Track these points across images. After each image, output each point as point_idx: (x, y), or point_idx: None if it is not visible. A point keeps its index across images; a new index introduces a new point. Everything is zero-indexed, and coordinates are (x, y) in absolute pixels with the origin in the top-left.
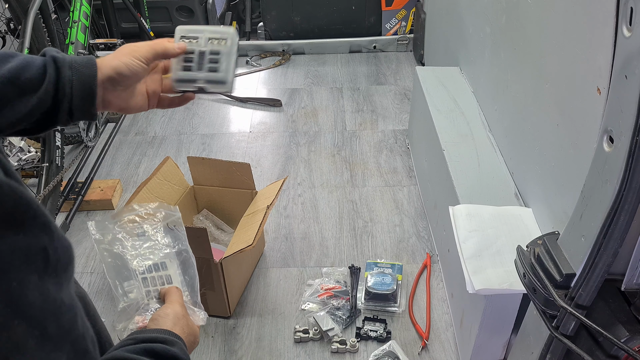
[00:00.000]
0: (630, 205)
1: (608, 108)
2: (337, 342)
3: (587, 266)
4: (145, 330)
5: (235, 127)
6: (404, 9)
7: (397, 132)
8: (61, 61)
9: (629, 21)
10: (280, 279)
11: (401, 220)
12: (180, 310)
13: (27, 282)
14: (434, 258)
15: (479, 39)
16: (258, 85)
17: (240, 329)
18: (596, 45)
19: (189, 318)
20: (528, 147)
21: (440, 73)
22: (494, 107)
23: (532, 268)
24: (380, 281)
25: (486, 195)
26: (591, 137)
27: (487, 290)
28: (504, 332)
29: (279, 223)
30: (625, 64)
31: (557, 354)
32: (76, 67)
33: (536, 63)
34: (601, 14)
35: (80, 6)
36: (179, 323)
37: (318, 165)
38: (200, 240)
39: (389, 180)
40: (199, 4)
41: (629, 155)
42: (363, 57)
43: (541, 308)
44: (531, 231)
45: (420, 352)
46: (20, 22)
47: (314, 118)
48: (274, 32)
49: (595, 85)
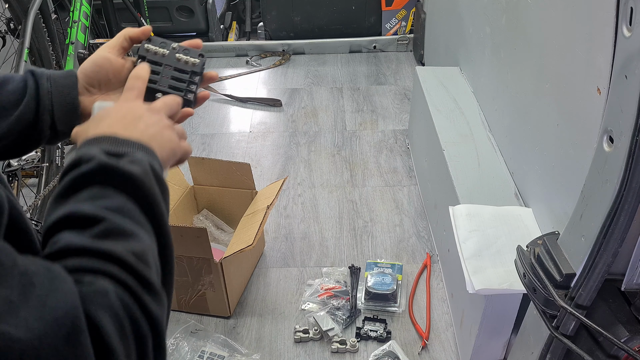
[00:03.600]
0: (630, 205)
1: (608, 108)
2: (337, 342)
3: (587, 266)
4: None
5: (235, 127)
6: (404, 9)
7: (397, 132)
8: (39, 74)
9: (629, 21)
10: (280, 279)
11: (401, 220)
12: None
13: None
14: (434, 258)
15: (479, 39)
16: (258, 85)
17: (240, 329)
18: (596, 45)
19: (156, 115)
20: (528, 147)
21: (440, 73)
22: (494, 107)
23: (532, 268)
24: (380, 281)
25: (486, 195)
26: (591, 137)
27: (487, 290)
28: (504, 332)
29: (279, 223)
30: (625, 64)
31: (557, 354)
32: (55, 78)
33: (536, 63)
34: (601, 14)
35: (80, 6)
36: (122, 121)
37: (318, 165)
38: (200, 240)
39: (389, 180)
40: (199, 4)
41: (629, 155)
42: (363, 57)
43: (541, 308)
44: (531, 231)
45: (420, 352)
46: (20, 22)
47: (314, 118)
48: (274, 32)
49: (595, 85)
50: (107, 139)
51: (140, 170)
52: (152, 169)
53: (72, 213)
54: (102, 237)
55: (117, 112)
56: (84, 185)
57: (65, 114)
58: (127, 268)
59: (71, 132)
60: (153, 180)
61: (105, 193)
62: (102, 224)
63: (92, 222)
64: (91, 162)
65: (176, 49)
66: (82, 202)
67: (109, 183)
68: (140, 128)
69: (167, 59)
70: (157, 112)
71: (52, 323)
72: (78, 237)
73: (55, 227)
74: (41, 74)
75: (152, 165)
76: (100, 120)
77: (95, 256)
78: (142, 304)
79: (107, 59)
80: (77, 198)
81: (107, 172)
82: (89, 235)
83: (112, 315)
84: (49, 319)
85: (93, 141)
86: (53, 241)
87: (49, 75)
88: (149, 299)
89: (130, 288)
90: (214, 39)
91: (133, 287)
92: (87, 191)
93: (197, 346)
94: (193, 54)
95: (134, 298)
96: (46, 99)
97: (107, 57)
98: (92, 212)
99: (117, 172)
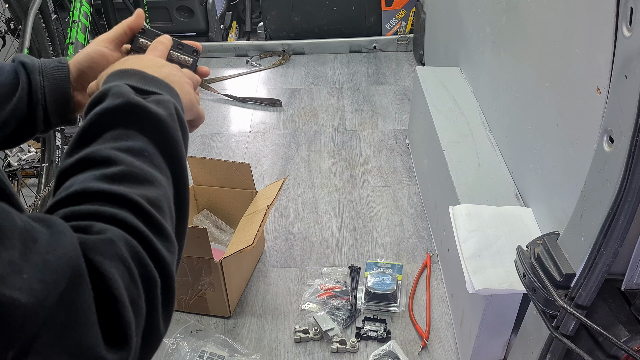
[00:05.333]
0: (630, 205)
1: (608, 108)
2: (337, 342)
3: (587, 266)
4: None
5: (235, 127)
6: (404, 9)
7: (397, 132)
8: (30, 67)
9: (629, 21)
10: (280, 279)
11: (401, 220)
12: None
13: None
14: (434, 258)
15: (479, 39)
16: (258, 85)
17: (240, 329)
18: (596, 45)
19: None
20: (528, 147)
21: (440, 73)
22: (494, 107)
23: (532, 268)
24: (380, 281)
25: (486, 195)
26: (591, 137)
27: (487, 290)
28: (504, 332)
29: (279, 223)
30: (625, 64)
31: (557, 354)
32: (47, 71)
33: (536, 63)
34: (601, 14)
35: (80, 6)
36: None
37: (318, 165)
38: (200, 240)
39: (389, 180)
40: (199, 4)
41: (629, 155)
42: (363, 57)
43: (541, 308)
44: (531, 231)
45: (420, 352)
46: (20, 22)
47: (314, 118)
48: (274, 32)
49: (595, 85)
50: (136, 74)
51: (166, 113)
52: (177, 112)
53: (91, 154)
54: (118, 180)
55: (141, 57)
56: (109, 124)
57: (58, 108)
58: (140, 212)
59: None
60: (177, 124)
61: (129, 134)
62: (119, 167)
63: (109, 165)
64: (120, 99)
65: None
66: (104, 143)
67: (133, 123)
68: (165, 72)
69: None
70: (178, 68)
71: (52, 283)
72: (93, 180)
73: (72, 169)
74: (32, 67)
75: (176, 107)
76: (126, 60)
77: (108, 200)
78: (152, 249)
79: (103, 55)
80: (99, 140)
81: (133, 112)
82: (104, 178)
83: (118, 263)
84: (49, 280)
85: (121, 74)
86: (68, 184)
87: (40, 68)
88: (159, 245)
89: (141, 233)
90: (214, 39)
91: (144, 232)
92: (110, 133)
93: (197, 346)
94: (187, 50)
95: (144, 243)
96: (39, 93)
97: (102, 52)
98: (112, 155)
99: (143, 112)
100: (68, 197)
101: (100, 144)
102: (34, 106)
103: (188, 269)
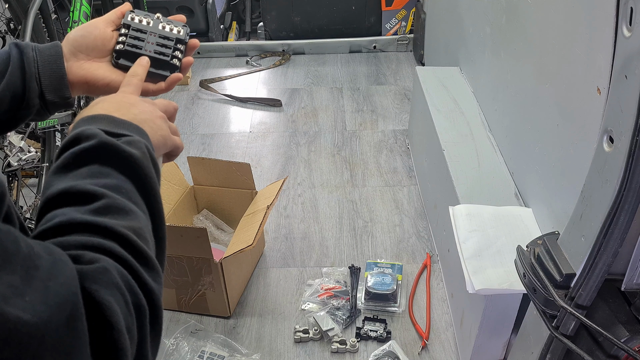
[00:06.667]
0: (630, 205)
1: (608, 108)
2: (337, 342)
3: (587, 266)
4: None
5: (235, 127)
6: (404, 9)
7: (397, 132)
8: (24, 45)
9: (629, 21)
10: (280, 279)
11: (401, 220)
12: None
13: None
14: (434, 258)
15: (479, 39)
16: (258, 85)
17: (240, 329)
18: (596, 45)
19: (148, 103)
20: (528, 147)
21: (440, 73)
22: (494, 107)
23: (532, 268)
24: (380, 281)
25: (486, 195)
26: (591, 137)
27: (487, 290)
28: (504, 332)
29: (279, 223)
30: (625, 64)
31: (557, 354)
32: (39, 48)
33: (536, 63)
34: (601, 14)
35: (80, 6)
36: (121, 106)
37: (318, 165)
38: (200, 240)
39: (389, 180)
40: (199, 4)
41: (629, 155)
42: (363, 57)
43: (541, 308)
44: (531, 231)
45: (420, 352)
46: (20, 22)
47: (314, 118)
48: (274, 32)
49: (595, 85)
50: (105, 118)
51: (139, 152)
52: (148, 150)
53: (72, 188)
54: (102, 213)
55: (111, 98)
56: (85, 161)
57: (53, 82)
58: (127, 244)
59: (61, 102)
60: (150, 162)
61: (105, 171)
62: (102, 201)
63: (92, 199)
64: (93, 140)
65: (160, 19)
66: (82, 179)
67: (109, 162)
68: (134, 112)
69: (151, 28)
70: (150, 103)
71: (55, 308)
72: (78, 213)
73: (53, 202)
74: (26, 44)
75: (147, 146)
76: (95, 104)
77: (95, 231)
78: (140, 279)
79: (95, 26)
80: (76, 174)
81: (108, 151)
82: (89, 211)
83: (114, 291)
84: (53, 304)
85: (90, 119)
86: (50, 216)
87: (33, 46)
88: (147, 275)
89: (129, 264)
90: (214, 39)
91: (132, 263)
92: (87, 168)
93: (197, 346)
94: (177, 24)
95: (133, 273)
96: (32, 66)
97: (95, 24)
98: (92, 189)
99: (118, 151)
100: (53, 228)
101: (80, 180)
102: (28, 79)
103: (188, 269)
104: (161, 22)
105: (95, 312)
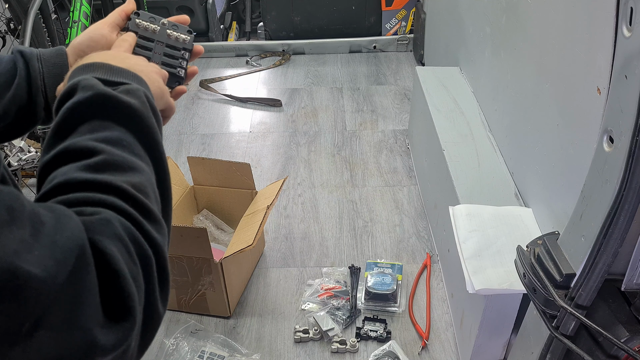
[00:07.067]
0: (630, 205)
1: (608, 108)
2: (337, 342)
3: (587, 266)
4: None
5: (235, 127)
6: (404, 9)
7: (397, 132)
8: (29, 55)
9: (629, 21)
10: (280, 279)
11: (401, 220)
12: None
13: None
14: (434, 258)
15: (479, 39)
16: (258, 85)
17: (240, 329)
18: (596, 45)
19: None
20: (528, 147)
21: (440, 73)
22: (494, 107)
23: (532, 268)
24: (380, 281)
25: (486, 195)
26: (591, 137)
27: (487, 290)
28: (504, 332)
29: (279, 223)
30: (625, 64)
31: (557, 354)
32: (45, 58)
33: (536, 63)
34: (601, 14)
35: (80, 6)
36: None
37: (318, 165)
38: (200, 240)
39: (389, 180)
40: (199, 4)
41: (629, 155)
42: (363, 57)
43: (541, 308)
44: (531, 231)
45: (420, 352)
46: (20, 22)
47: (314, 118)
48: (274, 32)
49: (595, 85)
50: (101, 66)
51: (138, 101)
52: (148, 99)
53: (70, 147)
54: (101, 169)
55: (105, 52)
56: (82, 117)
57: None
58: (127, 197)
59: None
60: (150, 111)
61: (104, 125)
62: (100, 157)
63: (90, 155)
64: (88, 91)
65: (166, 25)
66: (80, 135)
67: (107, 114)
68: (130, 62)
69: (158, 36)
70: (144, 60)
71: (62, 261)
72: (77, 171)
73: (53, 163)
74: (30, 54)
75: (146, 95)
76: (90, 57)
77: (95, 188)
78: (143, 230)
79: (103, 36)
80: (75, 130)
81: (106, 103)
82: (87, 168)
83: (117, 241)
84: (60, 258)
85: (86, 67)
86: (50, 178)
87: (38, 55)
88: (149, 226)
89: (131, 216)
90: (214, 39)
91: (134, 215)
92: (86, 125)
93: (197, 346)
94: (182, 30)
95: (135, 225)
96: (38, 79)
97: (102, 33)
98: (90, 145)
99: (116, 102)
100: (53, 189)
101: (78, 137)
102: (34, 93)
103: (188, 269)
104: (167, 29)
105: (99, 262)
